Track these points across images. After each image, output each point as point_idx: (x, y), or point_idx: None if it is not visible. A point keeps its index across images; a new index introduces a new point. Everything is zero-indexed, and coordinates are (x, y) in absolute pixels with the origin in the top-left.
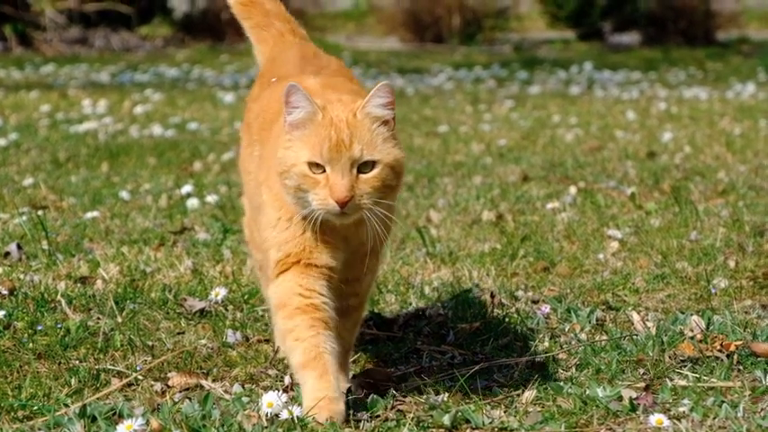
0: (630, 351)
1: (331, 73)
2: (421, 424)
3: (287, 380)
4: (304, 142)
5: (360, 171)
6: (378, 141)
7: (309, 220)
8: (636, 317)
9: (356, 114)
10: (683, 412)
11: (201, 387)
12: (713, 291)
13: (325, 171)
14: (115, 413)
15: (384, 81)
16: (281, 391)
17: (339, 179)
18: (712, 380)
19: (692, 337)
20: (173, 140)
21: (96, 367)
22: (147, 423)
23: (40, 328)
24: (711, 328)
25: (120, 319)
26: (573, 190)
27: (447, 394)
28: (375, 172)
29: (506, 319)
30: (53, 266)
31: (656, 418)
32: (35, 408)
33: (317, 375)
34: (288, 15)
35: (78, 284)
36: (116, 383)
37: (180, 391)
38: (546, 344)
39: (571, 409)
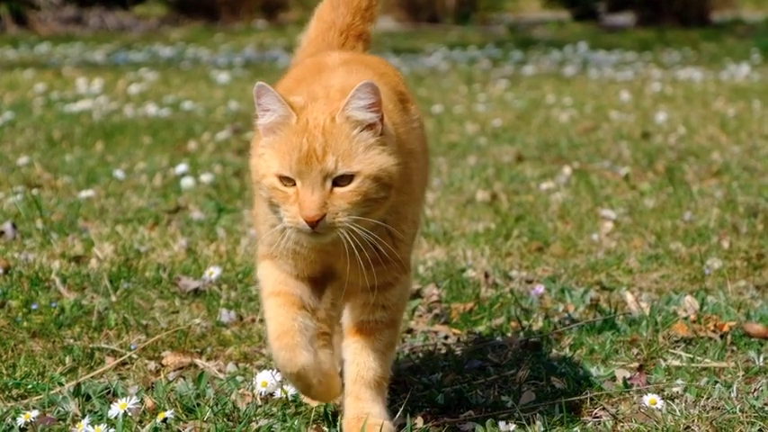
0: (624, 331)
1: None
2: (415, 403)
3: None
4: (275, 150)
5: (336, 184)
6: (358, 150)
7: (285, 235)
8: (630, 297)
9: (335, 118)
10: (677, 392)
11: (196, 366)
12: (707, 271)
13: (296, 184)
14: (109, 392)
15: (366, 81)
16: (275, 370)
17: (309, 195)
18: (706, 360)
19: (685, 318)
20: (167, 120)
21: (90, 346)
22: (142, 402)
23: (34, 306)
24: (705, 308)
25: (114, 298)
26: (567, 170)
27: (441, 373)
28: (353, 185)
29: (500, 299)
30: (47, 245)
31: (650, 399)
32: (29, 386)
33: (282, 347)
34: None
35: (73, 263)
36: (110, 362)
37: (174, 370)
38: (540, 324)
39: (565, 389)
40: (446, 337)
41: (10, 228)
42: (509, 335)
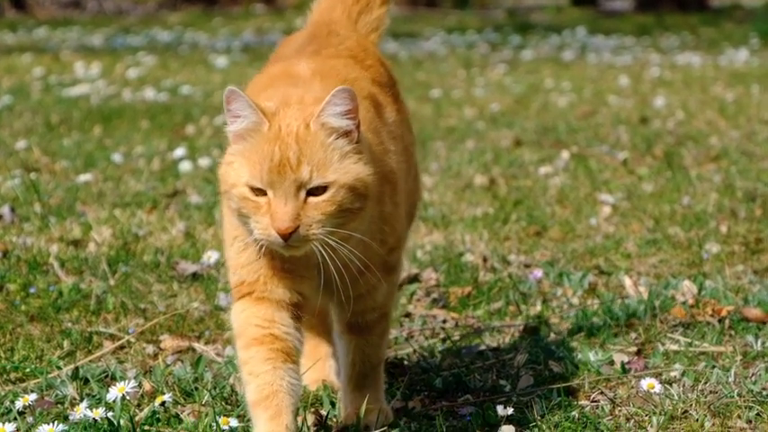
0: (622, 316)
1: (336, 53)
2: (413, 387)
3: None
4: (246, 159)
5: (310, 194)
6: (333, 159)
7: (257, 248)
8: (628, 281)
9: (309, 125)
10: (675, 377)
11: (194, 350)
12: (705, 256)
13: (267, 194)
14: (108, 375)
15: (342, 86)
16: None
17: (281, 206)
18: (704, 345)
19: (683, 302)
20: (165, 104)
21: (89, 330)
22: (140, 385)
23: (32, 290)
24: (703, 293)
25: (112, 282)
26: (565, 155)
27: (439, 357)
28: (327, 195)
29: (499, 284)
30: (46, 229)
31: (648, 383)
32: (28, 370)
33: (269, 417)
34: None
35: (71, 247)
36: (108, 346)
37: (172, 354)
38: (538, 308)
39: (563, 373)
40: (444, 321)
41: (8, 211)
42: (507, 319)
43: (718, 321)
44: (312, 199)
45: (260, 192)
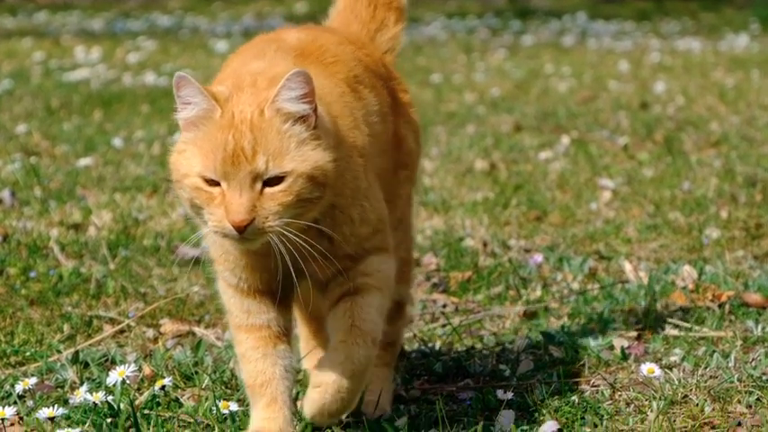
0: (622, 300)
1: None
2: (413, 371)
3: None
4: (198, 148)
5: (266, 184)
6: (290, 146)
7: (212, 239)
8: (628, 266)
9: (264, 111)
10: (675, 362)
11: (194, 334)
12: (705, 241)
13: (221, 184)
14: (108, 359)
15: (296, 69)
16: None
17: (236, 197)
18: (704, 330)
19: (683, 287)
20: (166, 88)
21: (89, 314)
22: (140, 369)
23: (32, 274)
24: (703, 278)
25: (112, 266)
26: (566, 140)
27: (439, 342)
28: (284, 185)
29: (499, 268)
30: (46, 213)
31: (648, 368)
32: (28, 353)
33: (265, 404)
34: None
35: (71, 231)
36: (108, 330)
37: (172, 338)
38: (538, 293)
39: (563, 358)
40: (444, 306)
41: (8, 195)
42: (507, 304)
43: (719, 306)
44: (268, 189)
45: (213, 182)
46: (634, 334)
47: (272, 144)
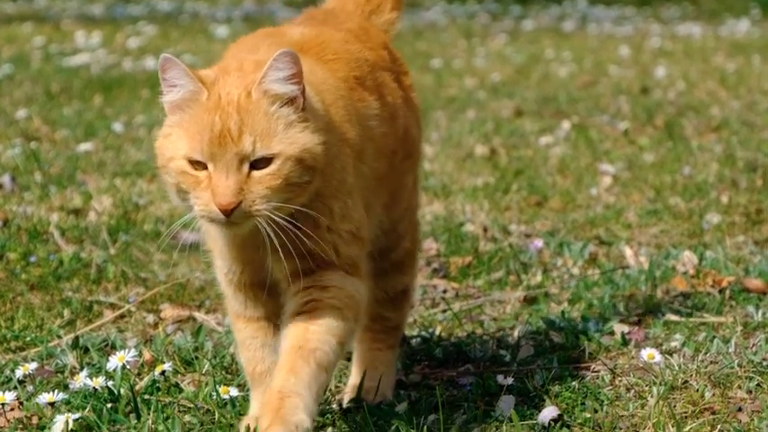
0: (623, 286)
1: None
2: (413, 356)
3: None
4: (184, 130)
5: (254, 167)
6: (278, 128)
7: (197, 223)
8: (628, 252)
9: (251, 93)
10: (675, 347)
11: (194, 319)
12: (706, 226)
13: (208, 168)
14: (108, 344)
15: (284, 49)
16: None
17: (223, 180)
18: (704, 315)
19: (684, 273)
20: None
21: (89, 299)
22: (140, 354)
23: (32, 259)
24: (704, 263)
25: (113, 251)
26: (566, 125)
27: (439, 328)
28: (272, 168)
29: (499, 253)
30: (46, 198)
31: (648, 353)
32: (28, 338)
33: (264, 391)
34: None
35: (71, 216)
36: (109, 315)
37: (172, 323)
38: (538, 278)
39: (563, 344)
40: (445, 291)
41: (8, 180)
42: (508, 289)
43: (719, 292)
44: (256, 173)
45: (200, 165)
46: (634, 319)
47: (260, 125)
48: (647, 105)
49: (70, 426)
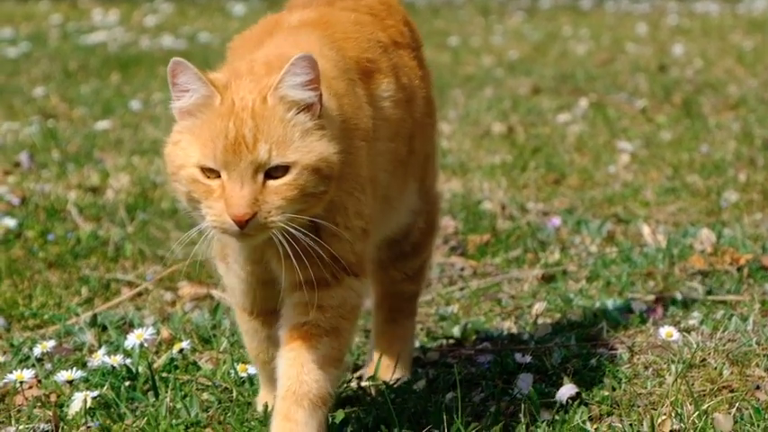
0: (641, 264)
1: (355, 6)
2: (431, 335)
3: None
4: (195, 137)
5: (269, 176)
6: (294, 136)
7: (207, 234)
8: (646, 230)
9: (266, 99)
10: (693, 325)
11: (212, 297)
12: (724, 204)
13: (221, 176)
14: (126, 322)
15: (301, 54)
16: None
17: (237, 190)
18: (722, 293)
19: (702, 251)
20: (183, 51)
21: (107, 276)
22: (158, 332)
23: (50, 237)
24: (722, 241)
25: (130, 229)
26: (584, 102)
27: (457, 306)
28: (289, 178)
29: (517, 231)
30: (64, 176)
31: (666, 331)
32: (46, 316)
33: (266, 379)
34: None
35: (89, 194)
36: (126, 293)
37: (190, 301)
38: (556, 256)
39: (581, 322)
40: (462, 269)
41: (26, 158)
42: (525, 267)
43: (737, 270)
44: (271, 182)
45: (212, 174)
46: (652, 297)
47: (275, 133)
48: (665, 83)
49: (88, 404)
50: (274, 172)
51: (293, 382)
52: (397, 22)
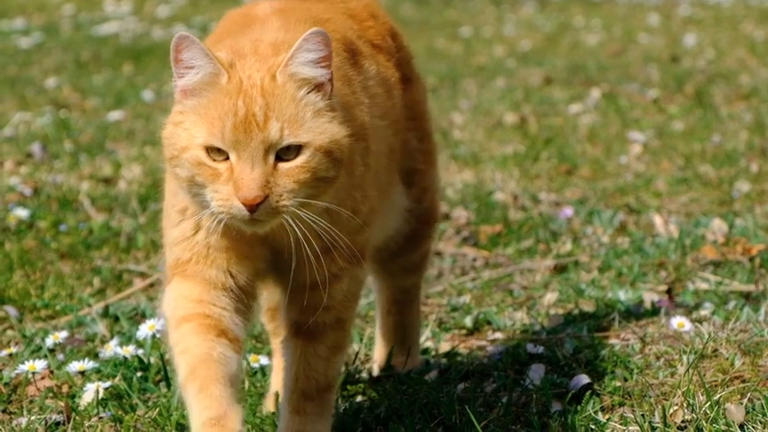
0: (652, 254)
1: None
2: (443, 325)
3: None
4: (200, 116)
5: (279, 158)
6: (306, 115)
7: (208, 225)
8: (658, 220)
9: (276, 76)
10: (705, 315)
11: None
12: (736, 194)
13: (228, 159)
14: (138, 313)
15: (315, 29)
16: None
17: (247, 171)
18: (734, 283)
19: (714, 241)
20: None
21: (119, 267)
22: None
23: (63, 227)
24: (734, 231)
25: (142, 220)
26: (596, 93)
27: (469, 296)
28: (301, 159)
29: (529, 222)
30: (76, 167)
31: (678, 321)
32: (58, 307)
33: (196, 390)
34: None
35: (101, 185)
36: (139, 283)
37: None
38: (568, 246)
39: (593, 312)
40: (474, 260)
41: (39, 149)
42: (537, 257)
43: (749, 260)
44: (283, 165)
45: (219, 155)
46: (664, 288)
47: (287, 111)
48: (677, 73)
49: (100, 394)
50: (285, 153)
51: (301, 377)
52: (380, 27)
